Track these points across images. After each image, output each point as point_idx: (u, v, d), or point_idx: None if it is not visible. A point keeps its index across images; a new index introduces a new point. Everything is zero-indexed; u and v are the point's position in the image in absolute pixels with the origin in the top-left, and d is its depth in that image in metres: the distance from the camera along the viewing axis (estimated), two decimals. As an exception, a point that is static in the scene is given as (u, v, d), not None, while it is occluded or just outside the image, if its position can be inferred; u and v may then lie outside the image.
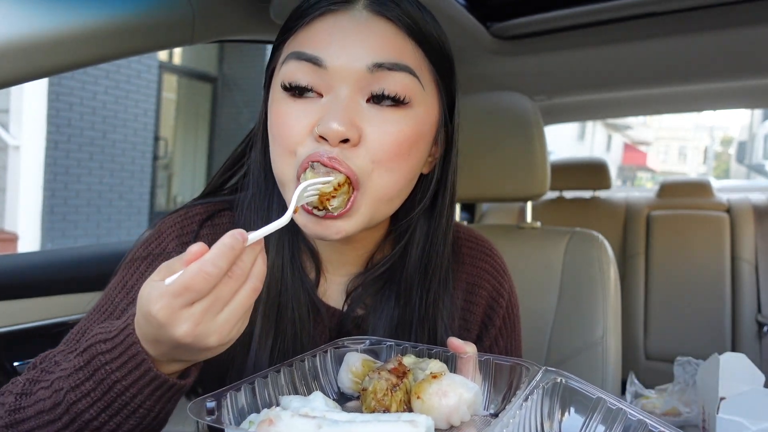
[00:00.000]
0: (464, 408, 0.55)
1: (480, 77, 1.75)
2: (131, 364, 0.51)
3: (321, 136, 0.61)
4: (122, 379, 0.52)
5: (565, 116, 2.67)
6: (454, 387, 0.55)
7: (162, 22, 0.88)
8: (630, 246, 2.44)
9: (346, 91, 0.62)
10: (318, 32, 0.64)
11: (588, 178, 2.60)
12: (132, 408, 0.53)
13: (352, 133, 0.60)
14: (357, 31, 0.63)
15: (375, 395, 0.55)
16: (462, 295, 0.82)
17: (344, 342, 0.67)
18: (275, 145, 0.66)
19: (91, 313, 0.73)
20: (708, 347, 2.13)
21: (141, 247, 0.76)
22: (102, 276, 1.16)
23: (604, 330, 1.23)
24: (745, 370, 1.02)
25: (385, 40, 0.63)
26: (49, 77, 0.85)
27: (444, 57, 0.70)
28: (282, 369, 0.57)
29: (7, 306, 1.02)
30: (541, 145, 1.29)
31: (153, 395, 0.53)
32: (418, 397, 0.55)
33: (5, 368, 1.02)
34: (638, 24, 1.39)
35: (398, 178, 0.65)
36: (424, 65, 0.66)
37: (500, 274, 0.86)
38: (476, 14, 1.37)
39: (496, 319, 0.83)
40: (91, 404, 0.53)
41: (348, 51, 0.62)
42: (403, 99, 0.63)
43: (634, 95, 2.11)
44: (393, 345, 0.68)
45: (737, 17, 1.31)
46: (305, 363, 0.61)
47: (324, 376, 0.64)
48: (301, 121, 0.63)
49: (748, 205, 2.35)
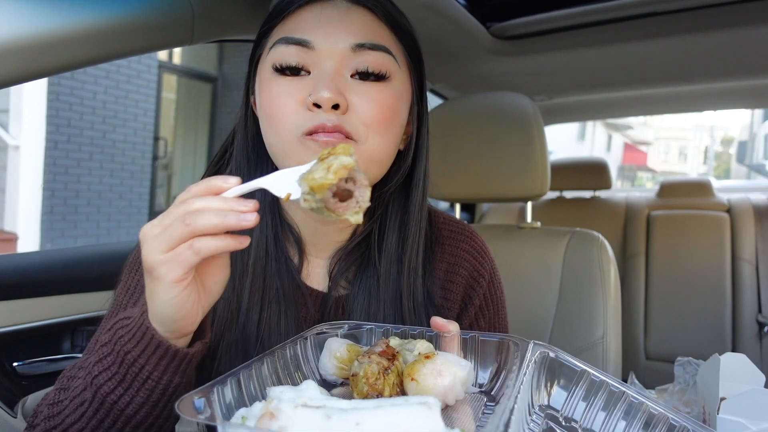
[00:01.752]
0: (459, 386, 0.55)
1: (480, 77, 1.75)
2: (138, 334, 0.56)
3: (314, 104, 0.66)
4: (133, 350, 0.56)
5: (565, 116, 2.67)
6: (448, 366, 0.54)
7: (162, 21, 0.88)
8: (630, 246, 2.44)
9: (332, 65, 0.69)
10: (304, 20, 0.71)
11: (588, 178, 2.60)
12: (141, 378, 0.56)
13: (341, 100, 0.66)
14: (339, 18, 0.70)
15: (367, 380, 0.54)
16: (442, 275, 0.84)
17: (323, 328, 0.66)
18: (271, 122, 0.71)
19: (106, 319, 0.76)
20: (708, 347, 2.13)
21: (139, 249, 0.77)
22: (102, 276, 1.17)
23: (604, 330, 1.23)
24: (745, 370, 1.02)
25: (365, 25, 0.71)
26: (49, 77, 0.86)
27: (413, 43, 0.78)
28: (265, 359, 0.56)
29: (7, 306, 1.02)
30: (541, 145, 1.29)
31: (159, 364, 0.56)
32: (412, 379, 0.54)
33: (5, 368, 1.02)
34: (638, 24, 1.39)
35: (388, 142, 0.72)
36: (397, 47, 0.74)
37: (480, 255, 0.87)
38: (476, 14, 1.37)
39: (475, 299, 0.85)
40: (109, 377, 0.57)
41: (333, 35, 0.69)
42: (384, 74, 0.70)
43: (634, 95, 2.11)
44: (374, 328, 0.67)
45: (737, 17, 1.31)
46: (287, 351, 0.60)
47: (305, 365, 0.63)
48: (294, 96, 0.68)
49: (749, 205, 2.35)
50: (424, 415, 0.41)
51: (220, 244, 0.51)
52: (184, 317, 0.54)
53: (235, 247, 0.52)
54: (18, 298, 1.03)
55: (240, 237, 0.53)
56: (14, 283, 1.04)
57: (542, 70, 1.75)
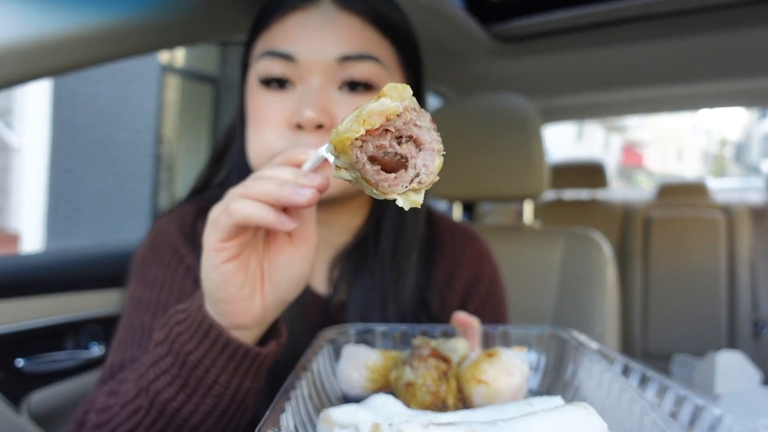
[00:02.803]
0: (525, 385, 0.48)
1: (480, 78, 1.76)
2: (200, 332, 0.50)
3: (298, 125, 0.64)
4: (194, 351, 0.50)
5: (565, 116, 2.68)
6: (514, 363, 0.47)
7: (164, 22, 0.89)
8: (628, 246, 2.46)
9: (318, 80, 0.66)
10: (288, 29, 0.67)
11: (586, 179, 2.62)
12: (207, 384, 0.50)
13: (325, 119, 0.64)
14: (325, 25, 0.66)
15: (428, 388, 0.46)
16: (441, 280, 0.81)
17: (331, 335, 0.57)
18: (254, 134, 0.69)
19: (133, 312, 0.72)
20: (705, 346, 2.15)
21: (147, 247, 0.78)
22: (104, 275, 1.18)
23: (602, 329, 1.24)
24: (741, 367, 1.04)
25: (352, 33, 0.67)
26: (52, 78, 0.86)
27: (408, 41, 0.74)
28: (301, 379, 0.46)
29: (11, 305, 1.03)
30: (539, 145, 1.30)
31: (227, 366, 0.50)
32: (479, 381, 0.46)
33: (9, 366, 1.03)
34: (637, 25, 1.40)
35: None
36: (389, 52, 0.70)
37: (481, 259, 0.85)
38: (476, 16, 1.38)
39: (470, 304, 0.82)
40: (169, 382, 0.51)
41: (317, 45, 0.66)
42: (371, 84, 0.67)
43: (633, 95, 2.12)
44: (387, 330, 0.58)
45: (736, 19, 1.32)
46: (315, 366, 0.50)
47: (326, 379, 0.52)
48: (279, 112, 0.66)
49: (745, 206, 2.37)
50: (584, 417, 0.35)
51: (256, 212, 0.44)
52: (230, 299, 0.48)
53: (272, 223, 0.45)
54: (22, 297, 1.04)
55: (285, 217, 0.46)
56: (18, 282, 1.05)
57: (542, 71, 1.76)
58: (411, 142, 0.35)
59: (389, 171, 0.35)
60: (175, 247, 0.75)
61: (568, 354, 0.51)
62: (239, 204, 0.45)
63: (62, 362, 1.10)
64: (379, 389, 0.52)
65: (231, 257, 0.47)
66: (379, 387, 0.52)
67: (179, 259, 0.74)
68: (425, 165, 0.35)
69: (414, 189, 0.36)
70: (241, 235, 0.47)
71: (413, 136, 0.35)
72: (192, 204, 0.81)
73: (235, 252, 0.47)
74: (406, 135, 0.35)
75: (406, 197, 0.36)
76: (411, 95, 0.35)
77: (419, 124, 0.35)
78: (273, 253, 0.51)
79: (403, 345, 0.58)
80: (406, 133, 0.35)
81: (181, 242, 0.75)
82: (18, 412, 1.03)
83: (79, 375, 1.12)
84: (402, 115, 0.34)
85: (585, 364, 0.49)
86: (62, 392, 1.10)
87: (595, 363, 0.47)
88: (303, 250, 0.51)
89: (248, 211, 0.44)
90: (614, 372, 0.45)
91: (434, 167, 0.36)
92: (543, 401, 0.38)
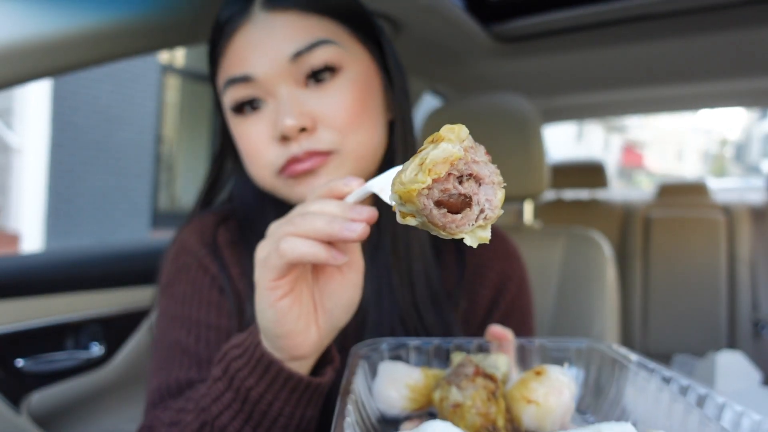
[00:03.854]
0: (573, 404, 0.47)
1: (480, 78, 1.76)
2: (260, 368, 0.51)
3: (283, 137, 0.64)
4: (256, 386, 0.51)
5: (565, 116, 2.68)
6: (562, 381, 0.46)
7: (164, 22, 0.89)
8: (628, 246, 2.46)
9: (283, 88, 0.65)
10: (236, 52, 0.67)
11: (586, 179, 2.62)
12: (272, 416, 0.51)
13: (305, 121, 0.64)
14: (264, 34, 0.66)
15: (477, 409, 0.44)
16: (470, 276, 0.79)
17: (364, 351, 0.54)
18: (249, 161, 0.70)
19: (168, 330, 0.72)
20: (705, 346, 2.15)
21: (172, 262, 0.78)
22: (104, 275, 1.18)
23: (601, 329, 1.24)
24: (741, 367, 1.04)
25: (292, 30, 0.66)
26: (53, 78, 0.86)
27: (352, 12, 0.71)
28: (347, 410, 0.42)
29: (11, 305, 1.03)
30: (539, 145, 1.30)
31: (290, 399, 0.51)
32: (529, 401, 0.45)
33: (9, 366, 1.03)
34: (637, 25, 1.40)
35: (369, 131, 0.68)
36: (337, 29, 0.68)
37: (511, 257, 0.83)
38: (476, 15, 1.38)
39: (502, 303, 0.80)
40: (233, 417, 0.52)
41: (266, 56, 0.65)
42: (333, 66, 0.66)
43: (633, 95, 2.12)
44: (420, 345, 0.55)
45: (736, 19, 1.32)
46: (356, 389, 0.47)
47: (366, 400, 0.49)
48: (261, 133, 0.67)
49: (745, 206, 2.37)
50: None
51: (308, 250, 0.45)
52: (287, 334, 0.48)
53: (325, 260, 0.45)
54: (22, 298, 1.04)
55: (336, 252, 0.46)
56: (18, 282, 1.05)
57: (542, 71, 1.76)
58: (472, 179, 0.35)
59: (454, 211, 0.35)
60: (200, 259, 0.76)
61: (608, 369, 0.50)
62: (290, 243, 0.45)
63: (62, 362, 1.10)
64: (419, 409, 0.50)
65: (285, 294, 0.48)
66: (419, 407, 0.50)
67: (204, 271, 0.75)
68: (488, 200, 0.35)
69: (480, 226, 0.35)
70: (293, 272, 0.48)
71: (473, 173, 0.35)
72: (210, 213, 0.82)
73: (289, 288, 0.48)
74: (467, 173, 0.35)
75: (474, 234, 0.35)
76: (468, 134, 0.35)
77: (477, 159, 0.35)
78: (323, 283, 0.52)
79: (437, 359, 0.56)
80: (467, 171, 0.35)
81: (204, 253, 0.76)
82: (18, 412, 1.03)
83: (79, 375, 1.12)
84: (463, 157, 0.34)
85: (629, 379, 0.47)
86: (62, 392, 1.10)
87: (645, 379, 0.45)
88: (351, 276, 0.52)
89: (300, 250, 0.45)
90: (672, 391, 0.43)
91: (497, 201, 0.36)
92: (611, 427, 0.36)
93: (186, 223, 0.82)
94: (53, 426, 1.09)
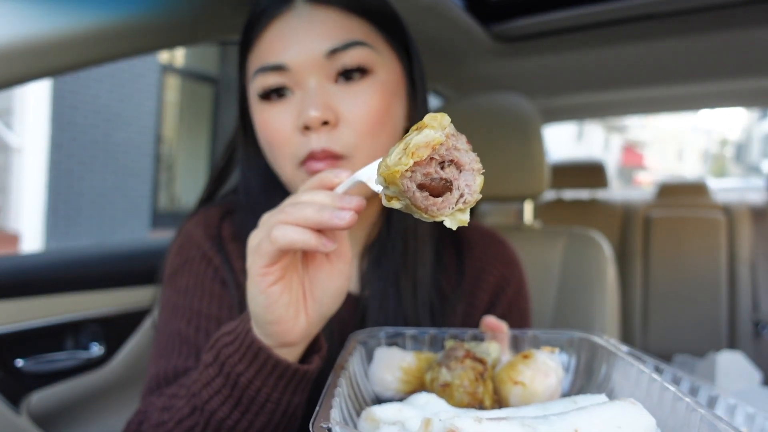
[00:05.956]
0: (560, 387, 0.49)
1: (480, 78, 1.76)
2: (249, 354, 0.52)
3: (305, 127, 0.65)
4: (245, 372, 0.53)
5: (565, 116, 2.68)
6: (549, 364, 0.48)
7: (164, 22, 0.89)
8: (628, 246, 2.46)
9: (313, 80, 0.67)
10: (272, 40, 0.68)
11: (586, 179, 2.62)
12: (260, 402, 0.53)
13: (329, 115, 0.65)
14: (304, 26, 0.67)
15: (465, 388, 0.46)
16: (469, 280, 0.81)
17: (362, 337, 0.57)
18: (270, 149, 0.71)
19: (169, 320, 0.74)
20: (705, 346, 2.15)
21: (176, 254, 0.79)
22: (104, 275, 1.18)
23: (601, 329, 1.24)
24: (742, 367, 1.04)
25: (332, 26, 0.67)
26: (52, 77, 0.86)
27: (390, 21, 0.74)
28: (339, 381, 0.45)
29: (11, 305, 1.03)
30: (539, 145, 1.30)
31: (277, 385, 0.53)
32: (516, 383, 0.47)
33: (9, 366, 1.03)
34: (637, 25, 1.40)
35: (384, 141, 0.69)
36: (373, 34, 0.70)
37: (510, 262, 0.85)
38: (476, 15, 1.38)
39: (498, 306, 0.82)
40: (222, 402, 0.54)
41: (303, 47, 0.66)
42: (366, 68, 0.68)
43: (633, 95, 2.12)
44: (416, 334, 0.58)
45: (736, 19, 1.32)
46: (350, 366, 0.49)
47: (361, 381, 0.52)
48: (285, 122, 0.68)
49: (745, 206, 2.37)
50: (633, 412, 0.36)
51: (299, 237, 0.47)
52: (277, 320, 0.50)
53: (315, 246, 0.47)
54: (21, 297, 1.04)
55: (326, 239, 0.48)
56: (18, 282, 1.05)
57: (542, 71, 1.76)
58: (453, 166, 0.37)
59: (436, 195, 0.37)
60: (204, 252, 0.77)
61: (599, 356, 0.51)
62: (282, 230, 0.47)
63: (62, 362, 1.10)
64: (413, 391, 0.52)
65: (276, 280, 0.50)
66: (412, 389, 0.52)
67: (207, 263, 0.76)
68: (468, 185, 0.38)
69: (460, 209, 0.38)
70: (283, 259, 0.50)
71: (454, 159, 0.37)
72: (215, 207, 0.83)
73: (279, 275, 0.50)
74: (448, 159, 0.37)
75: (453, 217, 0.38)
76: (449, 122, 0.37)
77: (458, 147, 0.37)
78: (312, 272, 0.54)
79: (432, 348, 0.58)
80: (448, 157, 0.37)
81: (209, 246, 0.77)
82: (18, 412, 1.03)
83: (79, 375, 1.12)
84: (444, 143, 0.36)
85: (619, 365, 0.49)
86: (62, 392, 1.10)
87: (630, 365, 0.47)
88: (340, 265, 0.54)
89: (291, 237, 0.47)
90: (650, 373, 0.45)
91: (476, 186, 0.38)
92: (587, 399, 0.38)
93: (191, 215, 0.84)
94: (53, 426, 1.09)
